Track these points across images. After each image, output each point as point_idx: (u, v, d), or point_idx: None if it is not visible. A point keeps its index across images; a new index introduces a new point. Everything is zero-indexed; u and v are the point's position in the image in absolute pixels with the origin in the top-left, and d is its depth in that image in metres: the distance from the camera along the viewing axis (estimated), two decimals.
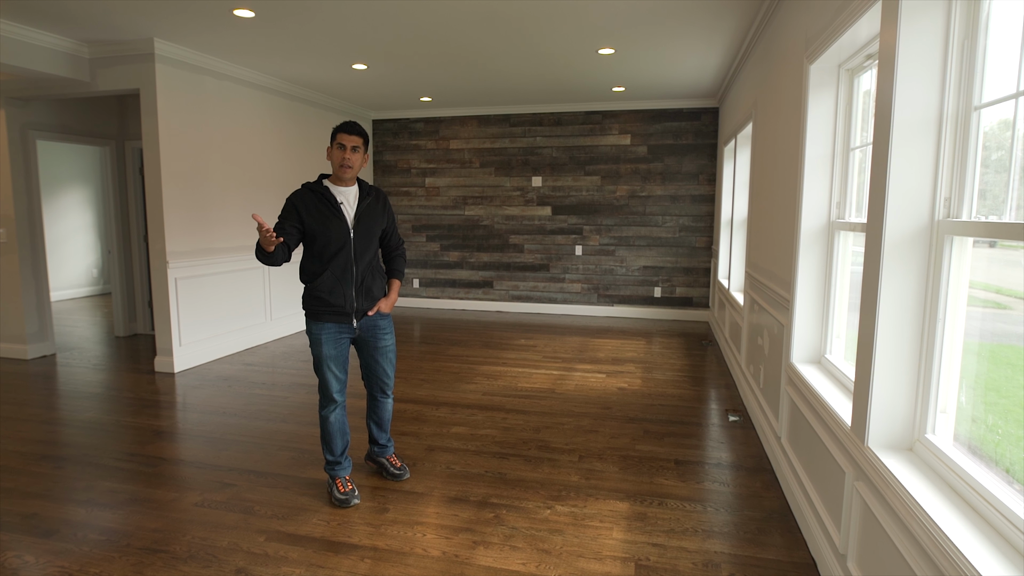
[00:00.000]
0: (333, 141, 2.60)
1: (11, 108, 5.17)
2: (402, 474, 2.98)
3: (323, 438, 2.76)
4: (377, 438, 2.99)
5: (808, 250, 2.72)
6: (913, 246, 1.65)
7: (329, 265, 2.59)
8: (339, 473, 2.77)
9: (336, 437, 2.75)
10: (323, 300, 2.60)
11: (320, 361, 2.65)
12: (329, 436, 2.74)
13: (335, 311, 2.62)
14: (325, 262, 2.60)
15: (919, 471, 1.60)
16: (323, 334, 2.63)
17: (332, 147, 2.61)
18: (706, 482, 2.96)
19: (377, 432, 2.98)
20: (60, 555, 2.33)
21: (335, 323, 2.64)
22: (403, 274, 2.90)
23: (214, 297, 5.35)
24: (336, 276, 2.60)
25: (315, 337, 2.64)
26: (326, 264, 2.59)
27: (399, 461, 3.05)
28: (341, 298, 2.62)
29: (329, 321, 2.63)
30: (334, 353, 2.66)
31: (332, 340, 2.65)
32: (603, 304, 7.52)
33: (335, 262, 2.59)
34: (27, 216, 5.32)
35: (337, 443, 2.75)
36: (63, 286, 8.75)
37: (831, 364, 2.57)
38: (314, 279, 2.61)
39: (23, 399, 4.23)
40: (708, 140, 7.02)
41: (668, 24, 4.14)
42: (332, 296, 2.60)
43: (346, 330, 2.68)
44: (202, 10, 3.89)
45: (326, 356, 2.65)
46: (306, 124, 6.64)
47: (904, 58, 1.59)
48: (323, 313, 2.62)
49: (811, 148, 2.64)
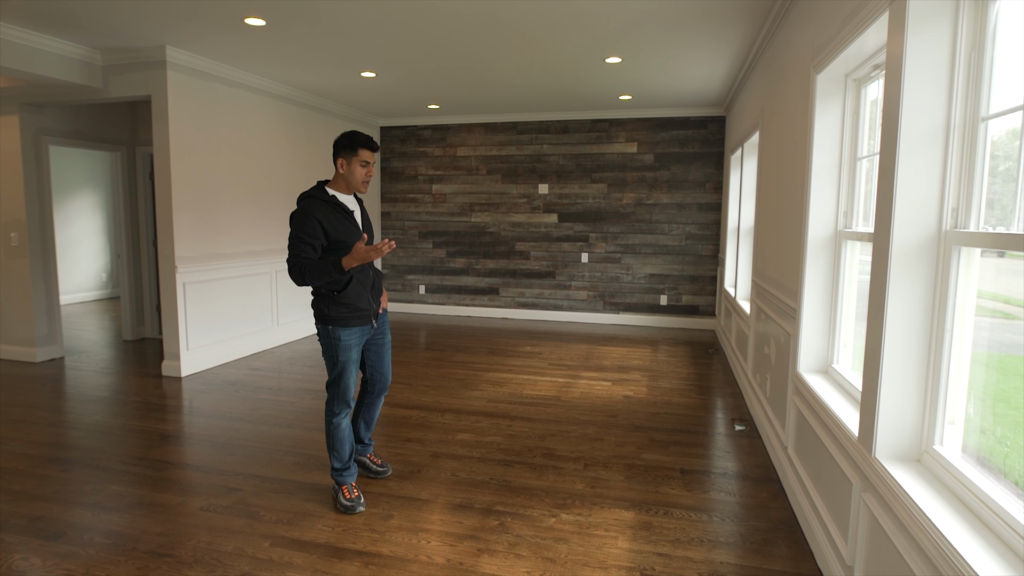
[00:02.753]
0: (352, 155, 2.60)
1: (25, 114, 5.23)
2: (385, 471, 3.07)
3: (332, 444, 2.76)
4: (362, 436, 3.06)
5: (815, 259, 2.71)
6: (920, 256, 1.65)
7: (355, 273, 2.63)
8: (347, 479, 2.78)
9: (346, 443, 2.77)
10: (353, 306, 2.64)
11: (346, 367, 2.68)
12: (339, 442, 2.75)
13: (362, 315, 2.69)
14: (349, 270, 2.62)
15: (927, 483, 1.59)
16: (352, 340, 2.68)
17: (352, 160, 2.61)
18: (712, 492, 2.94)
19: (364, 430, 3.05)
20: (66, 558, 2.34)
21: (360, 327, 2.70)
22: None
23: (222, 302, 5.38)
24: (361, 282, 2.67)
25: (344, 344, 2.65)
26: (351, 273, 2.62)
27: (379, 459, 3.13)
28: (367, 302, 2.70)
29: (356, 326, 2.68)
30: (357, 357, 2.74)
31: (357, 345, 2.72)
32: (609, 312, 7.51)
33: (358, 268, 2.64)
34: (38, 220, 5.37)
35: (346, 449, 2.77)
36: (73, 290, 8.82)
37: (838, 374, 2.56)
38: (343, 288, 2.61)
39: (31, 402, 4.26)
40: (715, 148, 7.02)
41: (675, 33, 4.16)
42: (360, 301, 2.66)
43: (367, 332, 2.76)
44: (214, 18, 3.93)
45: (353, 361, 2.71)
46: (315, 131, 6.69)
47: (911, 68, 1.59)
48: (352, 319, 2.65)
49: (818, 157, 2.64)
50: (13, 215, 5.30)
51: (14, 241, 5.33)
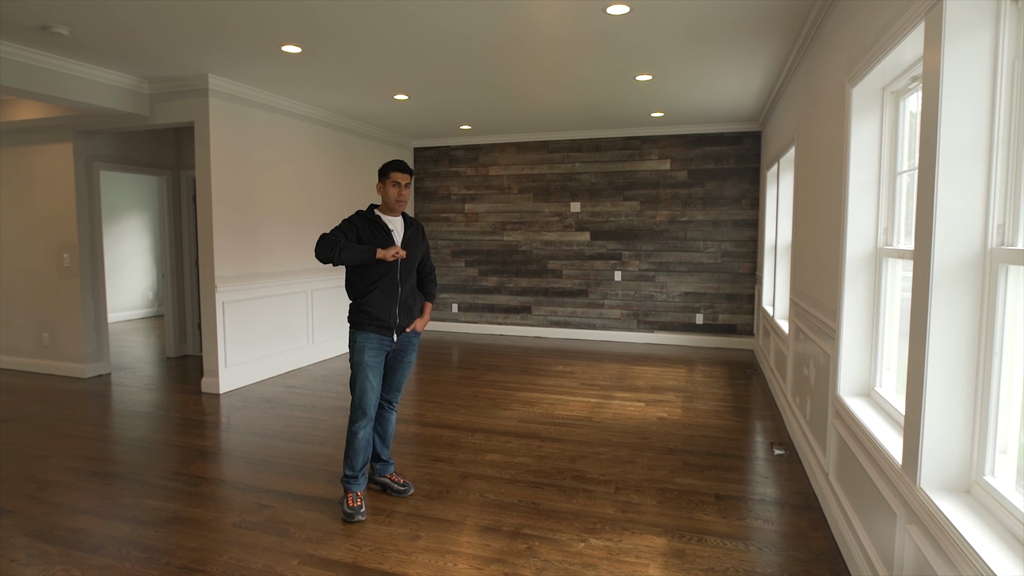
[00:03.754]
0: (385, 178, 2.88)
1: (78, 141, 5.49)
2: (406, 490, 3.10)
3: (347, 452, 2.89)
4: (380, 453, 3.11)
5: (854, 277, 2.62)
6: (965, 275, 1.57)
7: (378, 284, 2.85)
8: (354, 488, 2.88)
9: (361, 453, 2.88)
10: (371, 314, 2.84)
11: (360, 368, 2.83)
12: (354, 451, 2.87)
13: (380, 324, 2.85)
14: (374, 281, 2.84)
15: (978, 516, 1.50)
16: (367, 343, 2.84)
17: (385, 184, 2.88)
18: (749, 519, 2.84)
19: (380, 446, 3.11)
20: (104, 570, 2.39)
21: (378, 334, 2.86)
22: (435, 297, 3.16)
23: (259, 320, 5.50)
24: (384, 294, 2.85)
25: (359, 345, 2.84)
26: (375, 283, 2.85)
27: (401, 478, 3.16)
28: (387, 314, 2.86)
29: (374, 332, 2.85)
30: (373, 363, 2.86)
31: (374, 350, 2.86)
32: (643, 331, 7.40)
33: (383, 281, 2.85)
34: (89, 242, 5.61)
35: (360, 458, 2.88)
36: (121, 308, 9.16)
37: (881, 398, 2.45)
38: (364, 296, 2.85)
39: (79, 416, 4.41)
40: (750, 164, 6.90)
41: (705, 50, 4.12)
42: (380, 312, 2.85)
43: (386, 343, 2.90)
44: (252, 47, 4.08)
45: (367, 363, 2.83)
46: (350, 153, 6.84)
47: (949, 80, 1.53)
48: (369, 324, 2.85)
49: (855, 173, 2.56)
50: (66, 237, 5.54)
51: (66, 262, 5.57)
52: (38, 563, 2.45)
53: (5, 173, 5.79)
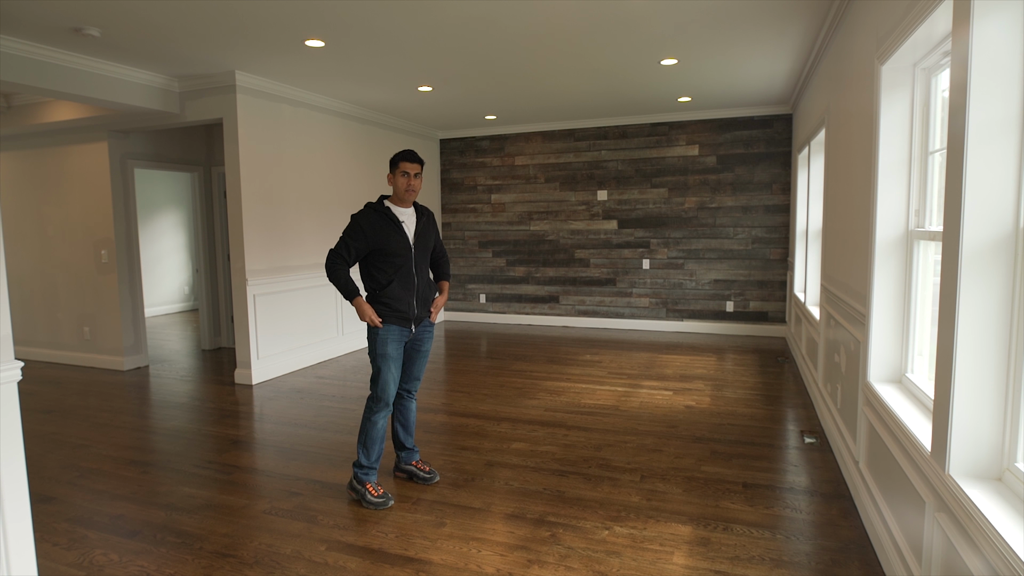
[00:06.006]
0: (395, 168, 2.86)
1: (113, 140, 5.65)
2: (432, 478, 3.13)
3: (364, 441, 2.91)
4: (404, 441, 3.14)
5: (884, 261, 2.54)
6: (996, 256, 1.51)
7: (396, 276, 2.85)
8: (371, 478, 2.92)
9: (378, 442, 2.92)
10: (390, 306, 2.85)
11: (383, 360, 2.86)
12: (372, 441, 2.90)
13: (400, 316, 2.87)
14: (391, 273, 2.85)
15: (1009, 505, 1.45)
16: (389, 335, 2.86)
17: (395, 174, 2.87)
18: (776, 507, 2.80)
19: (404, 435, 3.13)
20: (140, 555, 2.48)
21: (398, 326, 2.88)
22: (450, 276, 3.16)
23: (289, 312, 5.60)
24: (402, 285, 2.86)
25: (381, 337, 2.85)
26: (392, 275, 2.85)
27: (427, 466, 3.18)
28: (407, 306, 2.88)
29: (395, 324, 2.87)
30: (395, 354, 2.88)
31: (395, 341, 2.88)
32: (672, 319, 7.32)
33: (400, 273, 2.86)
34: (125, 238, 5.78)
35: (375, 449, 2.92)
36: (157, 303, 9.43)
37: (912, 384, 2.38)
38: (382, 288, 2.85)
39: (118, 407, 4.57)
40: (781, 148, 6.74)
41: (731, 33, 4.03)
42: (399, 304, 2.86)
43: (405, 334, 2.92)
44: (276, 42, 4.13)
45: (389, 355, 2.86)
46: (376, 145, 6.89)
47: (978, 53, 1.47)
48: (389, 316, 2.86)
49: (885, 153, 2.48)
50: (103, 234, 5.72)
51: (104, 258, 5.75)
52: (79, 547, 2.56)
53: (44, 173, 6.00)
